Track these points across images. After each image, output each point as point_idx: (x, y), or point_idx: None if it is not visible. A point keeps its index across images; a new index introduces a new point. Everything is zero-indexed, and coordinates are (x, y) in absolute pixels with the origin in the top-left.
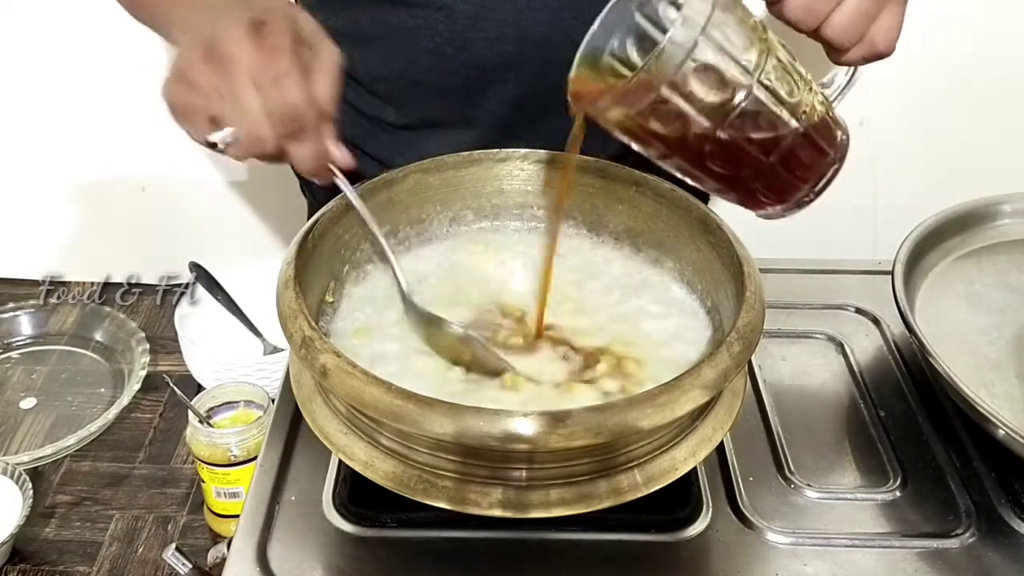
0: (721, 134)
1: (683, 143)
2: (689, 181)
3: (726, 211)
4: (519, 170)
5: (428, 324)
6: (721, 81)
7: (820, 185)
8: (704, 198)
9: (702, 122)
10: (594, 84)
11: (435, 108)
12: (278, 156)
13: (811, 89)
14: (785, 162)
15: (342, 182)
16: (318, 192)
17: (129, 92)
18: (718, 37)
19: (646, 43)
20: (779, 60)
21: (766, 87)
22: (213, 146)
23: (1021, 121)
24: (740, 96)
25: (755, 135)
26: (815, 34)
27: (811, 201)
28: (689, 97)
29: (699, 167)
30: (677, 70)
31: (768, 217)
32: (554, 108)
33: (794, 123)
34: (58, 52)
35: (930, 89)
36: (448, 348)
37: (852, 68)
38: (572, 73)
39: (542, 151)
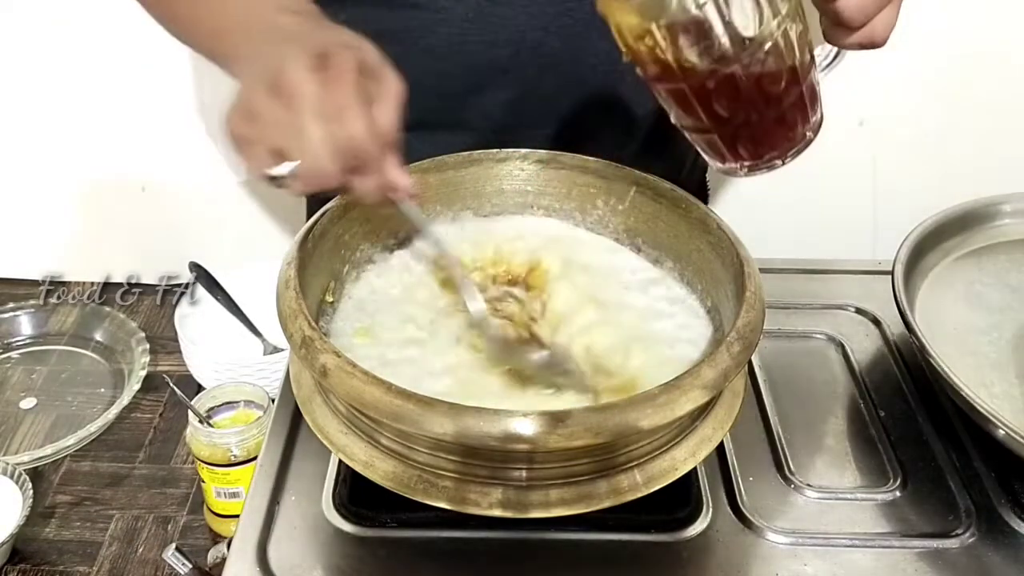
0: (738, 70)
1: (695, 71)
2: (673, 112)
3: (726, 211)
4: (519, 170)
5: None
6: (759, 16)
7: (793, 151)
8: (704, 197)
9: (729, 51)
10: None
11: (431, 110)
12: (342, 187)
13: (813, 58)
14: (779, 118)
15: (408, 210)
16: (318, 194)
17: (129, 92)
18: None
19: None
20: (800, 21)
21: (787, 39)
22: (273, 179)
23: (1021, 121)
24: (768, 36)
25: (766, 83)
26: (827, 5)
27: (779, 166)
28: (727, 23)
29: (699, 98)
30: None
31: (728, 173)
32: (549, 112)
33: (799, 82)
34: (58, 52)
35: (930, 89)
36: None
37: (839, 51)
38: None
39: (542, 151)
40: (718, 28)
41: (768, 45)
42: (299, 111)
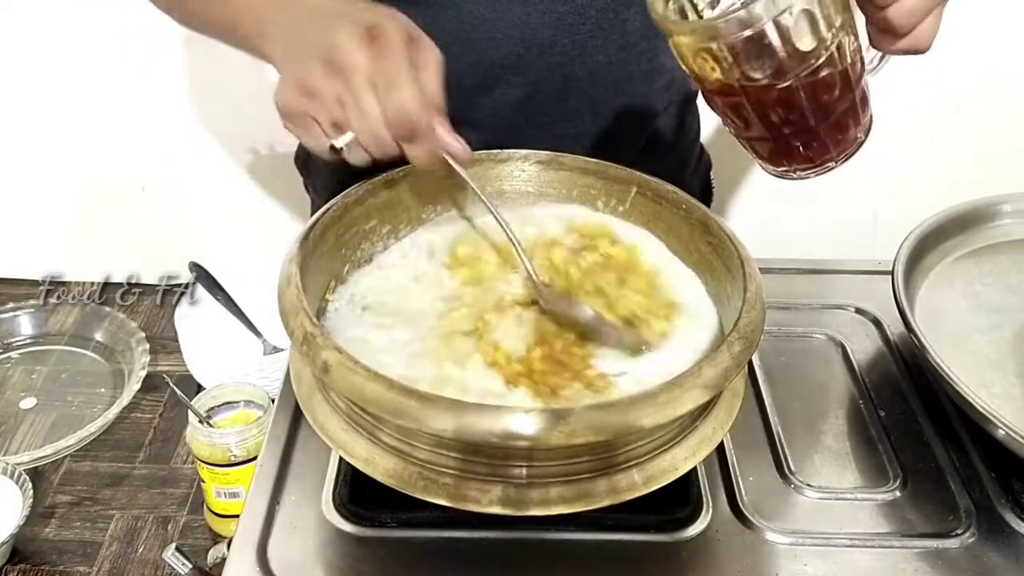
0: (795, 82)
1: (754, 86)
2: (731, 124)
3: (728, 212)
4: (520, 171)
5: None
6: (815, 31)
7: (846, 153)
8: (708, 197)
9: (787, 65)
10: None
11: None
12: (396, 156)
13: (864, 63)
14: (833, 123)
15: (457, 169)
16: (321, 190)
17: (130, 92)
18: None
19: None
20: (852, 32)
21: (841, 50)
22: (335, 151)
23: (1021, 121)
24: (824, 50)
25: (821, 92)
26: (877, 14)
27: (832, 168)
28: (785, 38)
29: (758, 110)
30: (783, 10)
31: (784, 176)
32: (559, 114)
33: (851, 89)
34: (58, 52)
35: (931, 89)
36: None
37: (884, 55)
38: None
39: (543, 152)
40: (776, 43)
41: (824, 57)
42: (354, 84)
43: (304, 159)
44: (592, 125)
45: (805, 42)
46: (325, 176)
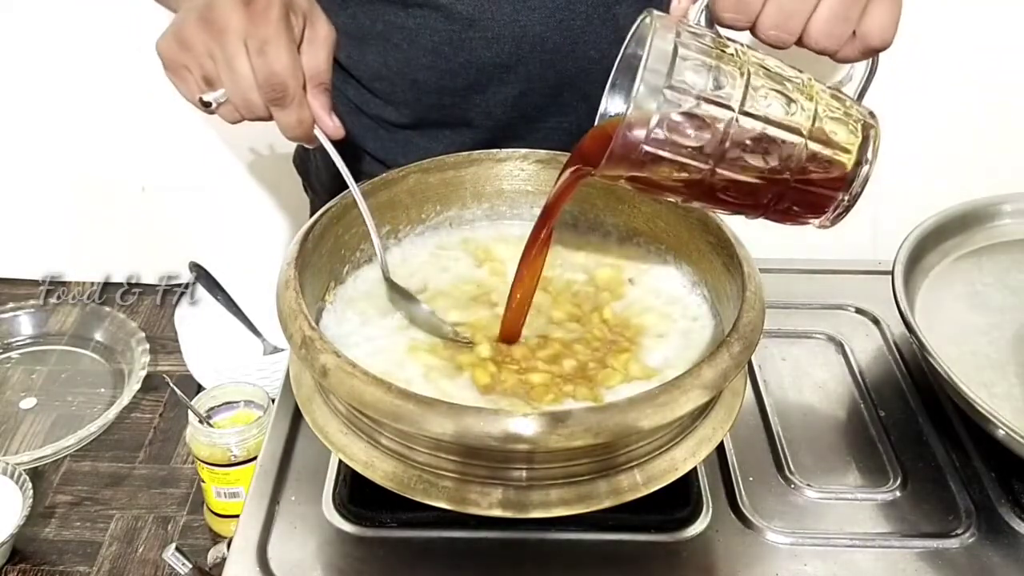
0: (724, 171)
1: (692, 186)
2: (722, 213)
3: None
4: (519, 170)
5: (405, 300)
6: (702, 124)
7: (854, 188)
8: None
9: (699, 165)
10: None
11: (434, 107)
12: (266, 118)
13: (812, 95)
14: (805, 177)
15: (327, 145)
16: (320, 191)
17: (129, 92)
18: (685, 84)
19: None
20: (767, 78)
21: (752, 115)
22: (206, 105)
23: (1021, 121)
24: (726, 131)
25: (757, 162)
26: (800, 46)
27: (852, 204)
28: (676, 147)
29: (719, 203)
30: (650, 130)
31: (823, 227)
32: (553, 109)
33: (797, 138)
34: (58, 52)
35: (930, 89)
36: (424, 324)
37: (868, 60)
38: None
39: (542, 151)
40: (671, 156)
41: (728, 138)
42: (226, 42)
43: (302, 160)
44: (586, 120)
45: (697, 139)
46: (324, 176)
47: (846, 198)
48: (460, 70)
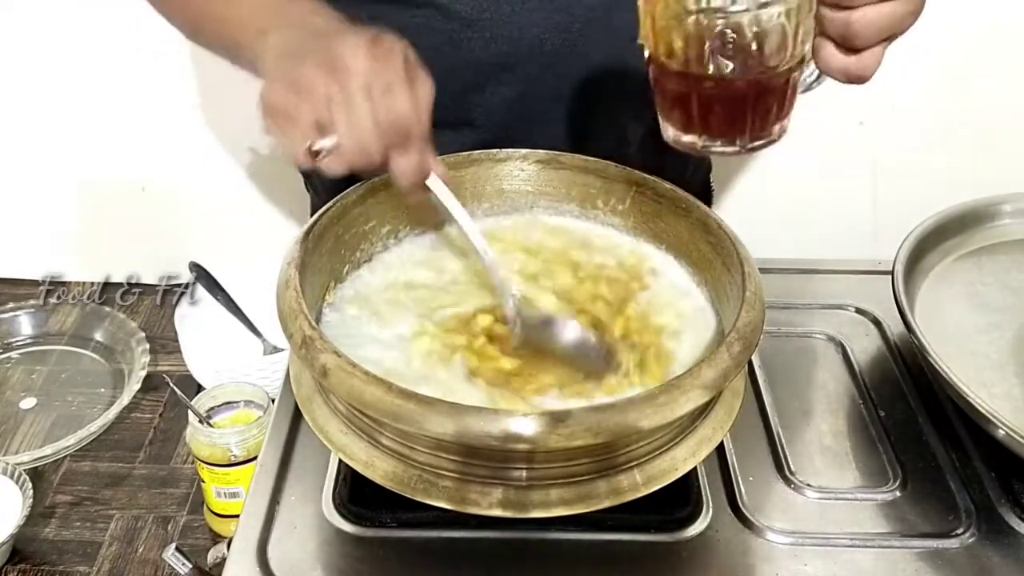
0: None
1: (712, 76)
2: (663, 99)
3: (727, 211)
4: (519, 170)
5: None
6: (785, 40)
7: (756, 146)
8: (708, 198)
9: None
10: None
11: (433, 108)
12: (380, 167)
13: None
14: (762, 111)
15: (440, 189)
16: (321, 190)
17: (129, 92)
18: None
19: None
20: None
21: (789, 18)
22: (315, 154)
23: (1021, 121)
24: (791, 57)
25: (767, 94)
26: (838, 14)
27: (732, 151)
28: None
29: (701, 94)
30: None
31: (681, 146)
32: (552, 112)
33: (788, 95)
34: (58, 52)
35: (930, 89)
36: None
37: (820, 76)
38: None
39: (541, 151)
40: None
41: (787, 66)
42: (350, 84)
43: None
44: (585, 124)
45: (775, 47)
46: (325, 176)
47: (775, 135)
48: (458, 70)
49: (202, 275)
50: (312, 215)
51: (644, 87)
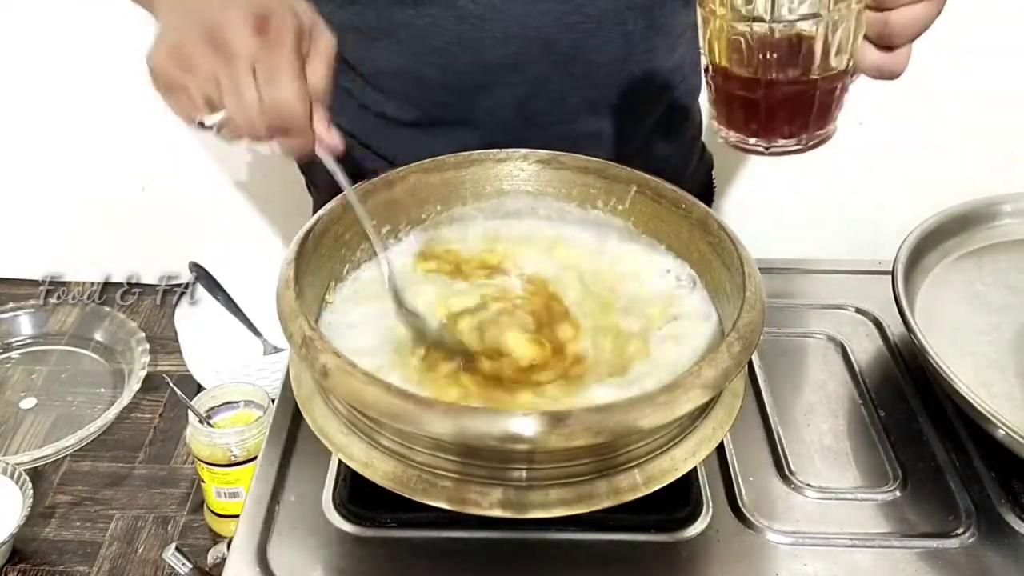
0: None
1: (768, 79)
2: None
3: (727, 211)
4: (519, 170)
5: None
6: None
7: (813, 144)
8: (709, 196)
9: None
10: None
11: (440, 106)
12: (268, 140)
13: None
14: (818, 117)
15: (328, 162)
16: (323, 188)
17: (129, 92)
18: None
19: None
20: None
21: (847, 22)
22: (201, 125)
23: (1021, 121)
24: (848, 59)
25: (824, 95)
26: (881, 10)
27: (794, 151)
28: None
29: (762, 97)
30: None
31: (737, 147)
32: (558, 111)
33: (838, 91)
34: (59, 53)
35: (930, 89)
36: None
37: (854, 74)
38: None
39: (542, 151)
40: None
41: (844, 67)
42: (236, 67)
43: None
44: (591, 124)
45: (836, 53)
46: (327, 175)
47: (832, 130)
48: (467, 70)
49: (202, 275)
50: (313, 215)
51: (647, 88)
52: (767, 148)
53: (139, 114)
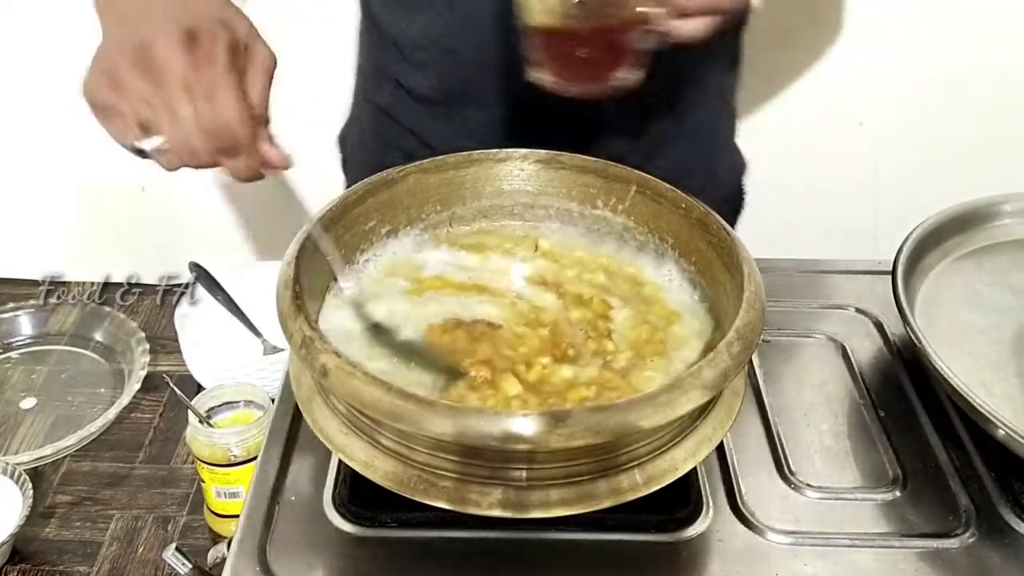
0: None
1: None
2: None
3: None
4: (519, 170)
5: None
6: None
7: (605, 83)
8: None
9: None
10: None
11: (466, 80)
12: (210, 166)
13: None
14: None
15: (284, 184)
16: (358, 171)
17: None
18: None
19: None
20: None
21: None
22: (140, 152)
23: (1021, 121)
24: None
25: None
26: None
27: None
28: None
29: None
30: None
31: (549, 86)
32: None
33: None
34: (58, 52)
35: (930, 89)
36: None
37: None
38: None
39: (542, 151)
40: None
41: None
42: (168, 88)
43: (345, 137)
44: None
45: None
46: (360, 157)
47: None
48: (495, 45)
49: (202, 275)
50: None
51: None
52: (566, 87)
53: None
